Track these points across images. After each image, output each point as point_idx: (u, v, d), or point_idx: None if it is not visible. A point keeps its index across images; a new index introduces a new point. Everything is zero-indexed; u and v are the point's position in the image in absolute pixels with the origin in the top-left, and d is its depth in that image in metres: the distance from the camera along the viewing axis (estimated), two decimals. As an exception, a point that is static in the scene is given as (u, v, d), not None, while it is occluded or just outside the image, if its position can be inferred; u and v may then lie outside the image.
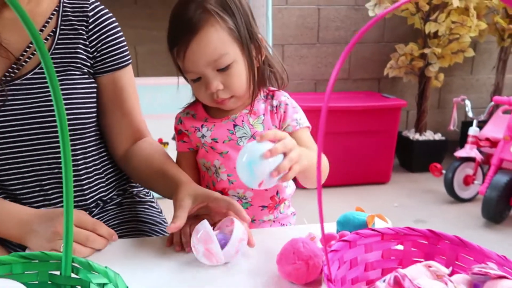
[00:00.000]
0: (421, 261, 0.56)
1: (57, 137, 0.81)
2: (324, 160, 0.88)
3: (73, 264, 0.51)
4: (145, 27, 2.72)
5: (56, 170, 0.83)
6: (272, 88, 0.88)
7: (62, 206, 0.87)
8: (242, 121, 0.85)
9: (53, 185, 0.84)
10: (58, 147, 0.82)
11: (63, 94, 0.80)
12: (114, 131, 0.91)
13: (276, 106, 0.86)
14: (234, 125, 0.85)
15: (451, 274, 0.53)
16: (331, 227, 0.79)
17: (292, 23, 2.92)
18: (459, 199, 2.41)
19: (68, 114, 0.80)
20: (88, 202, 0.88)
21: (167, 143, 2.44)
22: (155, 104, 2.39)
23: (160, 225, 0.98)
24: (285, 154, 0.68)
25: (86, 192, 0.88)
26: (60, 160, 0.83)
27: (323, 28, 2.98)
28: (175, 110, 0.94)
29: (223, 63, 0.77)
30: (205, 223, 0.67)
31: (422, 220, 2.17)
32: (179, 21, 0.77)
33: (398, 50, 2.80)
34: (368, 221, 0.70)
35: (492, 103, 2.34)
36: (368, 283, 0.59)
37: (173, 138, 2.54)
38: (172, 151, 0.87)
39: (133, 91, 0.92)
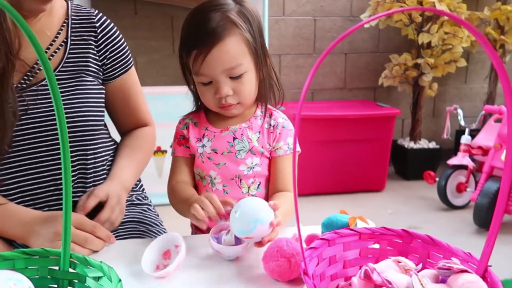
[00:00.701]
0: (394, 258, 0.60)
1: (70, 140, 0.87)
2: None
3: (71, 259, 0.55)
4: (145, 38, 2.78)
5: (71, 171, 0.89)
6: (270, 107, 0.92)
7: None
8: (242, 134, 0.88)
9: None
10: (72, 148, 0.87)
11: (77, 99, 0.87)
12: (120, 123, 1.03)
13: (274, 126, 0.90)
14: (234, 138, 0.88)
15: (421, 270, 0.57)
16: (316, 230, 0.84)
17: (289, 33, 2.99)
18: (452, 206, 2.45)
19: (81, 121, 0.87)
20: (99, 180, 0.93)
21: (165, 151, 2.48)
22: (154, 112, 2.41)
23: (156, 227, 1.02)
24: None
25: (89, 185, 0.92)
26: (75, 161, 0.89)
27: (319, 39, 3.04)
28: (174, 119, 0.99)
29: (237, 72, 0.82)
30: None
31: (416, 227, 2.20)
32: (202, 27, 0.80)
33: (392, 60, 2.85)
34: (350, 223, 0.74)
35: (483, 111, 2.39)
36: (346, 279, 0.63)
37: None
38: (170, 159, 0.93)
39: (138, 88, 1.02)
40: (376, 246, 0.64)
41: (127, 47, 0.98)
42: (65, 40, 0.90)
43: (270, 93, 0.90)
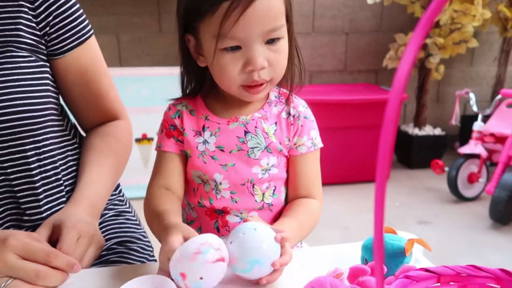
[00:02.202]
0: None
1: None
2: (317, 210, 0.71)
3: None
4: (128, 14, 2.51)
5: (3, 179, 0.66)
6: (284, 91, 0.72)
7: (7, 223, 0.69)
8: (256, 127, 0.68)
9: None
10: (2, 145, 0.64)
11: (4, 81, 0.63)
12: (82, 115, 0.78)
13: (294, 116, 0.69)
14: (246, 132, 0.67)
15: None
16: (352, 250, 0.64)
17: (286, 10, 2.75)
18: (462, 198, 2.28)
19: (12, 106, 0.63)
20: (44, 215, 0.70)
21: (152, 139, 2.25)
22: (139, 96, 2.20)
23: (138, 242, 0.81)
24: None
25: (41, 203, 0.70)
26: (5, 161, 0.66)
27: (319, 17, 2.81)
28: (161, 103, 0.77)
29: (277, 35, 0.62)
30: None
31: (426, 222, 2.03)
32: None
33: (397, 40, 2.64)
34: (407, 249, 0.54)
35: (500, 96, 2.21)
36: None
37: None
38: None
39: (101, 67, 0.76)
40: (463, 293, 0.44)
41: (80, 10, 0.72)
42: None
43: (292, 70, 0.68)
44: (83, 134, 0.82)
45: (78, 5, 0.72)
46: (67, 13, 0.69)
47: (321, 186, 0.73)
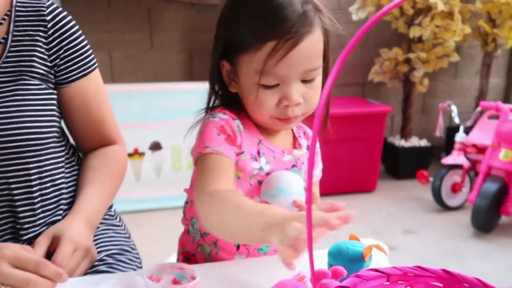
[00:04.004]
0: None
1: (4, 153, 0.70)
2: None
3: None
4: (120, 31, 2.58)
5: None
6: (301, 124, 0.75)
7: (4, 236, 0.74)
8: (302, 163, 0.71)
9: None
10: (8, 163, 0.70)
11: (16, 105, 0.71)
12: (81, 139, 0.85)
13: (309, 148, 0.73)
14: (294, 165, 0.70)
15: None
16: (320, 258, 0.69)
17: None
18: (446, 207, 2.35)
19: (21, 128, 0.71)
20: (38, 228, 0.75)
21: (143, 154, 2.30)
22: (131, 111, 2.25)
23: (127, 253, 0.86)
24: None
25: (37, 217, 0.75)
26: (9, 177, 0.71)
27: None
28: (152, 118, 0.82)
29: (314, 75, 0.64)
30: None
31: (411, 231, 2.09)
32: (287, 10, 0.60)
33: (382, 55, 2.73)
34: (365, 253, 0.60)
35: (479, 108, 2.29)
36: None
37: (155, 147, 2.41)
38: (148, 161, 0.76)
39: (102, 97, 0.84)
40: (409, 291, 0.49)
41: (88, 46, 0.81)
42: (5, 36, 0.74)
43: None
44: (80, 155, 0.89)
45: (86, 41, 0.80)
46: (75, 48, 0.78)
47: None
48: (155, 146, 2.30)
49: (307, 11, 0.62)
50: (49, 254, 0.65)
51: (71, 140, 0.88)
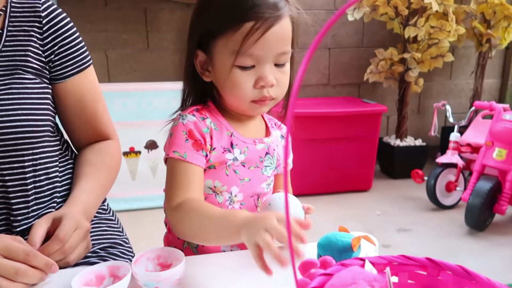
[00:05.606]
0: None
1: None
2: None
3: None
4: (116, 31, 2.59)
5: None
6: (270, 117, 0.81)
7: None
8: (274, 150, 0.76)
9: None
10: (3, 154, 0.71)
11: (11, 99, 0.72)
12: (76, 134, 0.86)
13: (284, 138, 0.78)
14: (267, 153, 0.76)
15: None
16: (310, 250, 0.70)
17: (270, 27, 2.85)
18: (441, 206, 2.36)
19: (16, 121, 0.71)
20: (31, 220, 0.76)
21: (139, 152, 2.31)
22: (126, 111, 2.26)
23: (119, 247, 0.87)
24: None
25: (31, 209, 0.76)
26: (3, 169, 0.72)
27: (302, 33, 2.89)
28: (148, 118, 0.83)
29: (285, 59, 0.69)
30: None
31: (405, 229, 2.10)
32: None
33: (377, 55, 2.75)
34: (353, 244, 0.61)
35: (473, 108, 2.31)
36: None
37: (145, 147, 2.42)
38: (144, 160, 0.78)
39: (96, 93, 0.85)
40: (395, 279, 0.50)
41: (82, 43, 0.82)
42: (0, 31, 0.75)
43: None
44: (75, 150, 0.90)
45: (80, 38, 0.81)
46: (70, 44, 0.79)
47: None
48: (151, 145, 2.31)
49: (278, 1, 0.66)
50: (48, 238, 0.66)
51: (65, 135, 0.88)
